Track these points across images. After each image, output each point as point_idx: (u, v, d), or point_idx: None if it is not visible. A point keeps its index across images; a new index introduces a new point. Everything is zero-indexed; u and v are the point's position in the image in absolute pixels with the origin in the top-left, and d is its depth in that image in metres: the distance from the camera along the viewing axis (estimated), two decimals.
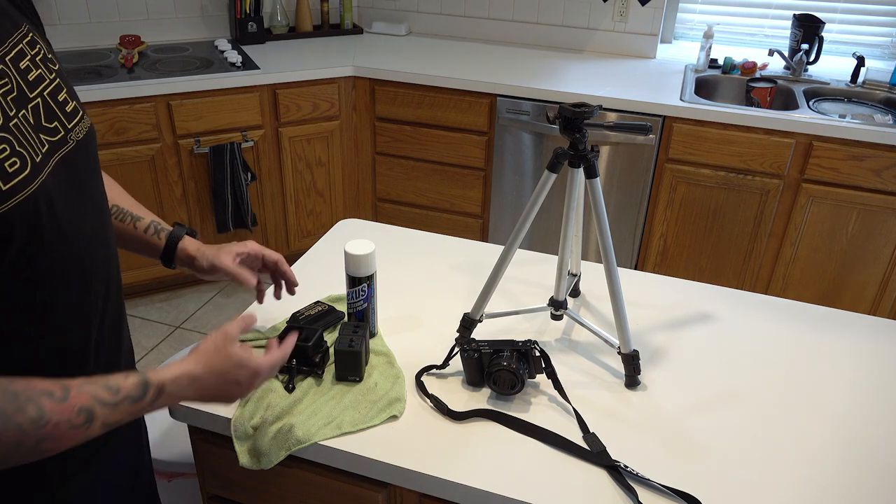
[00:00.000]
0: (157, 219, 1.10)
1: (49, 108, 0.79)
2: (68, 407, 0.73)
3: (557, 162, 1.10)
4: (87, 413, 0.74)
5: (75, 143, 0.82)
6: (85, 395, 0.75)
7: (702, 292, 1.43)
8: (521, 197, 2.84)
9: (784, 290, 2.63)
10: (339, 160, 3.00)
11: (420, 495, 1.05)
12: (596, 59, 2.99)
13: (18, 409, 0.69)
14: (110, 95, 2.46)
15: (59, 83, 0.82)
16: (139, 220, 1.08)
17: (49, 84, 0.80)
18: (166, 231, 1.09)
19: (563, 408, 1.11)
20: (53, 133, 0.79)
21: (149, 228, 1.08)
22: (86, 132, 0.85)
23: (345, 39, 3.24)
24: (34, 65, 0.79)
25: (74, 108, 0.84)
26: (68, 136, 0.81)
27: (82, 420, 0.74)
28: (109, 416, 0.77)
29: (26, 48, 0.78)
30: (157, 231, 1.08)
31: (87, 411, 0.74)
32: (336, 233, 1.61)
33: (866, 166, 2.33)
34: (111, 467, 0.99)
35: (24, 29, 0.79)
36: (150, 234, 1.08)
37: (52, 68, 0.82)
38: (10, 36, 0.76)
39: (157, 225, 1.09)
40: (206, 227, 2.86)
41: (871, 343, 1.30)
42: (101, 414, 0.76)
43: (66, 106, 0.82)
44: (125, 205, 1.08)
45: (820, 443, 1.06)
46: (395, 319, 1.31)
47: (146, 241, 1.08)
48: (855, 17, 2.87)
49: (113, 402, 0.77)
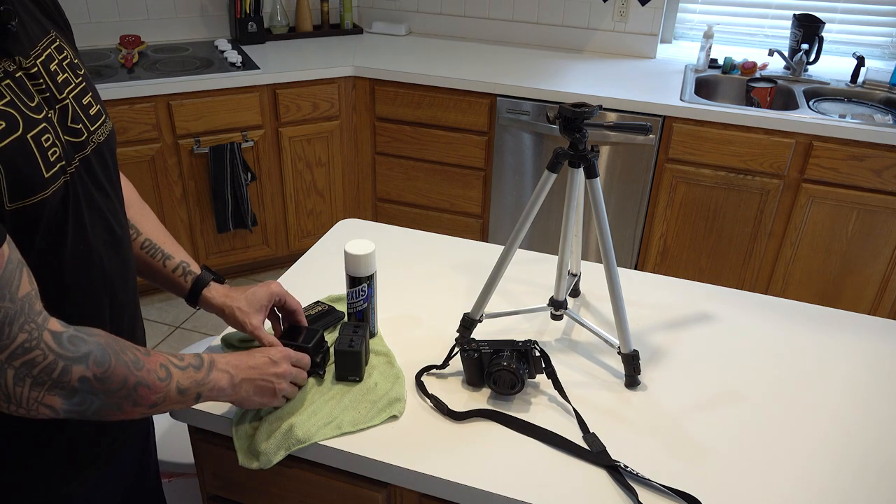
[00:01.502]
0: (186, 259, 1.10)
1: (74, 111, 0.82)
2: (153, 360, 0.82)
3: (557, 162, 1.10)
4: (166, 369, 0.84)
5: (95, 146, 0.85)
6: (161, 354, 0.85)
7: (702, 292, 1.43)
8: (521, 197, 2.84)
9: (784, 290, 2.63)
10: (339, 160, 3.00)
11: (420, 495, 1.05)
12: (596, 59, 2.99)
13: (122, 350, 0.79)
14: (110, 95, 2.46)
15: (84, 87, 0.86)
16: (169, 258, 1.08)
17: (75, 87, 0.84)
18: (193, 275, 1.09)
19: (563, 408, 1.11)
20: (77, 134, 0.82)
21: (177, 269, 1.09)
22: (107, 135, 0.89)
23: (345, 39, 3.24)
24: (61, 69, 0.82)
25: (98, 111, 0.87)
26: (90, 138, 0.85)
27: (164, 374, 0.83)
28: (181, 379, 0.85)
29: (54, 53, 0.82)
30: (185, 273, 1.09)
31: (165, 367, 0.84)
32: (336, 233, 1.61)
33: (866, 166, 2.33)
34: (118, 466, 1.01)
35: (52, 35, 0.83)
36: (177, 276, 1.09)
37: (79, 73, 0.85)
38: (40, 41, 0.80)
39: (185, 266, 1.09)
40: (206, 227, 2.86)
41: (871, 343, 1.30)
42: (175, 374, 0.85)
43: (90, 109, 0.85)
44: (158, 240, 1.08)
45: (820, 442, 1.06)
46: (395, 319, 1.31)
47: (174, 280, 1.09)
48: (855, 17, 2.87)
49: (181, 366, 0.86)
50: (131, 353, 0.80)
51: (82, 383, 0.74)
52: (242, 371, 0.95)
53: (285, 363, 1.01)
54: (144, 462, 1.10)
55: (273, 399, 1.00)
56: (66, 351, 0.73)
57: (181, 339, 2.75)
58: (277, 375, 0.99)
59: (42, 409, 0.73)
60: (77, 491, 0.93)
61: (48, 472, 0.89)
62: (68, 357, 0.73)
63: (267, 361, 0.98)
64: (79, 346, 0.74)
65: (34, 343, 0.70)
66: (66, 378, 0.73)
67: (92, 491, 0.96)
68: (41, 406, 0.73)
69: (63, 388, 0.73)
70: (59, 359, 0.72)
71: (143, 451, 1.10)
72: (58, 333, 0.73)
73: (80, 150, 0.82)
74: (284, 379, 1.00)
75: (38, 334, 0.71)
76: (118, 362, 0.77)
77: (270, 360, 0.99)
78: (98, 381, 0.75)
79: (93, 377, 0.75)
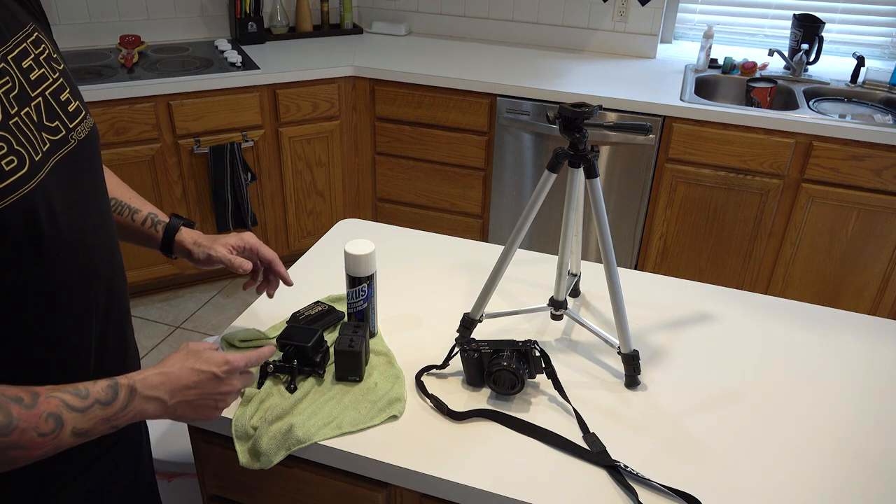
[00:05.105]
0: (154, 210, 1.11)
1: (50, 107, 0.79)
2: (36, 413, 0.72)
3: (557, 162, 1.10)
4: (56, 418, 0.73)
5: (77, 143, 0.82)
6: (54, 400, 0.74)
7: (702, 292, 1.43)
8: (521, 197, 2.84)
9: (784, 290, 2.63)
10: (339, 160, 3.00)
11: (420, 495, 1.05)
12: (596, 59, 2.99)
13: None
14: (110, 95, 2.46)
15: (62, 83, 0.82)
16: (137, 212, 1.08)
17: (52, 83, 0.80)
18: (163, 223, 1.10)
19: (563, 408, 1.11)
20: (55, 132, 0.79)
21: (146, 221, 1.09)
22: (88, 132, 0.85)
23: (345, 39, 3.24)
24: (37, 64, 0.79)
25: (77, 107, 0.84)
26: (70, 135, 0.81)
27: (51, 427, 0.73)
28: (80, 422, 0.75)
29: (30, 47, 0.79)
30: (154, 223, 1.09)
31: (56, 417, 0.73)
32: (336, 233, 1.61)
33: (866, 166, 2.33)
34: (112, 475, 0.99)
35: (29, 28, 0.80)
36: (147, 227, 1.09)
37: (57, 68, 0.82)
38: (15, 35, 0.77)
39: (154, 217, 1.09)
40: (206, 227, 2.86)
41: (871, 343, 1.30)
42: (70, 419, 0.75)
43: (68, 105, 0.82)
44: (123, 197, 1.08)
45: (819, 442, 1.06)
46: (395, 319, 1.31)
47: (144, 233, 1.09)
48: (855, 17, 2.87)
49: (82, 408, 0.76)
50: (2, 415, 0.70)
51: None
52: (178, 393, 0.86)
53: (234, 379, 0.92)
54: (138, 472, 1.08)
55: (214, 413, 0.92)
56: None
57: (181, 339, 2.75)
58: (223, 394, 0.91)
59: None
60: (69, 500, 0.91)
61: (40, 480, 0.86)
62: None
63: (211, 378, 0.88)
64: None
65: None
66: None
67: (84, 500, 0.94)
68: None
69: None
70: None
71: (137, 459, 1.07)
72: None
73: (59, 148, 0.79)
74: (230, 395, 0.92)
75: None
76: None
77: (215, 376, 0.89)
78: None
79: None
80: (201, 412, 0.90)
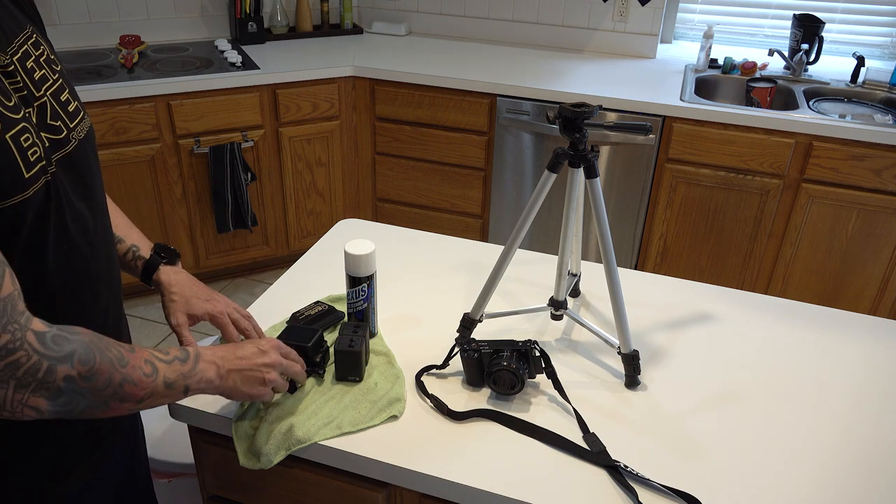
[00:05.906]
0: (138, 241, 1.10)
1: (53, 108, 0.81)
2: (137, 356, 0.81)
3: (557, 162, 1.10)
4: (151, 364, 0.82)
5: (76, 143, 0.84)
6: (145, 350, 0.83)
7: (702, 292, 1.43)
8: (521, 197, 2.84)
9: (784, 290, 2.63)
10: (339, 160, 3.00)
11: (420, 495, 1.05)
12: (596, 59, 2.99)
13: (107, 347, 0.78)
14: (110, 95, 2.46)
15: (61, 83, 0.84)
16: (120, 241, 1.08)
17: (52, 84, 0.82)
18: (143, 259, 1.09)
19: (563, 408, 1.11)
20: (56, 132, 0.81)
21: (128, 253, 1.08)
22: (86, 132, 0.87)
23: (345, 39, 3.24)
24: (38, 65, 0.80)
25: (76, 108, 0.86)
26: (70, 135, 0.83)
27: (150, 370, 0.81)
28: (168, 373, 0.83)
29: (31, 49, 0.80)
30: (135, 257, 1.08)
31: (151, 363, 0.82)
32: (336, 233, 1.61)
33: (866, 166, 2.33)
34: (108, 466, 1.01)
35: (28, 30, 0.81)
36: (128, 259, 1.08)
37: (55, 69, 0.84)
38: (17, 37, 0.79)
39: (135, 250, 1.08)
40: (206, 227, 2.86)
41: (871, 343, 1.30)
42: (161, 368, 0.83)
43: (68, 106, 0.84)
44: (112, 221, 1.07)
45: (819, 442, 1.06)
46: (395, 319, 1.31)
47: (126, 263, 1.09)
48: (855, 17, 2.87)
49: (166, 360, 0.84)
50: (115, 350, 0.78)
51: (67, 383, 0.73)
52: (230, 362, 0.92)
53: (274, 353, 0.98)
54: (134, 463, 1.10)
55: (263, 389, 0.96)
56: (50, 351, 0.72)
57: None
58: (266, 365, 0.96)
59: (27, 411, 0.72)
60: (69, 490, 0.93)
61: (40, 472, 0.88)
62: (52, 357, 0.72)
63: (256, 351, 0.96)
64: (63, 346, 0.73)
65: (18, 344, 0.69)
66: (51, 378, 0.72)
67: (84, 490, 0.96)
68: (26, 408, 0.72)
69: (48, 388, 0.72)
70: (44, 359, 0.71)
71: (133, 449, 1.09)
72: (41, 333, 0.72)
73: (61, 148, 0.81)
74: (274, 369, 0.97)
75: (21, 335, 0.69)
76: (103, 360, 0.76)
77: (259, 349, 0.97)
78: (83, 379, 0.74)
79: (78, 376, 0.74)
80: (249, 386, 0.95)
